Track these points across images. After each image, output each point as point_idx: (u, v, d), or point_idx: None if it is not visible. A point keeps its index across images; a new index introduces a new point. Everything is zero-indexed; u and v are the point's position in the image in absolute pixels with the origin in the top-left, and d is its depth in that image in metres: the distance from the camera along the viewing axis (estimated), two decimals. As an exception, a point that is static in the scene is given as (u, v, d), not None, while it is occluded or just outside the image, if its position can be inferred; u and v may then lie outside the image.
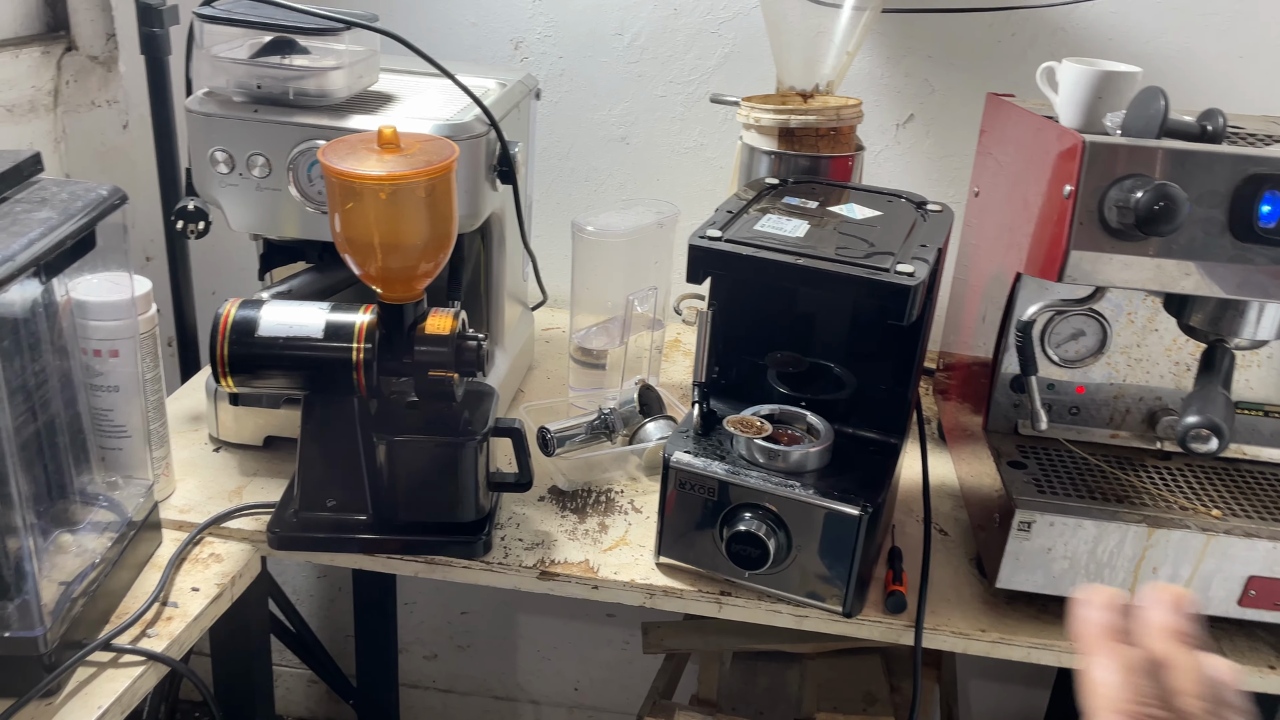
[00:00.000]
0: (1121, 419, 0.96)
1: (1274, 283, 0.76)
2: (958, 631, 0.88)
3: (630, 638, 1.77)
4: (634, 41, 1.37)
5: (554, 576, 0.92)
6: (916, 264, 0.81)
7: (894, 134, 1.38)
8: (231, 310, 0.86)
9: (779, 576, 0.87)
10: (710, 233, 0.86)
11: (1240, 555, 0.82)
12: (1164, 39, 1.28)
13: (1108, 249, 0.77)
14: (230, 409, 1.05)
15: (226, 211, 0.98)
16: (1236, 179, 0.74)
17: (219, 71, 0.96)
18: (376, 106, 0.98)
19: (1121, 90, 0.87)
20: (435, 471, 0.90)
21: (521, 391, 1.26)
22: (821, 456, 0.88)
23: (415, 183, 0.79)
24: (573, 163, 1.45)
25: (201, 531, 0.93)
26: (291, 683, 1.89)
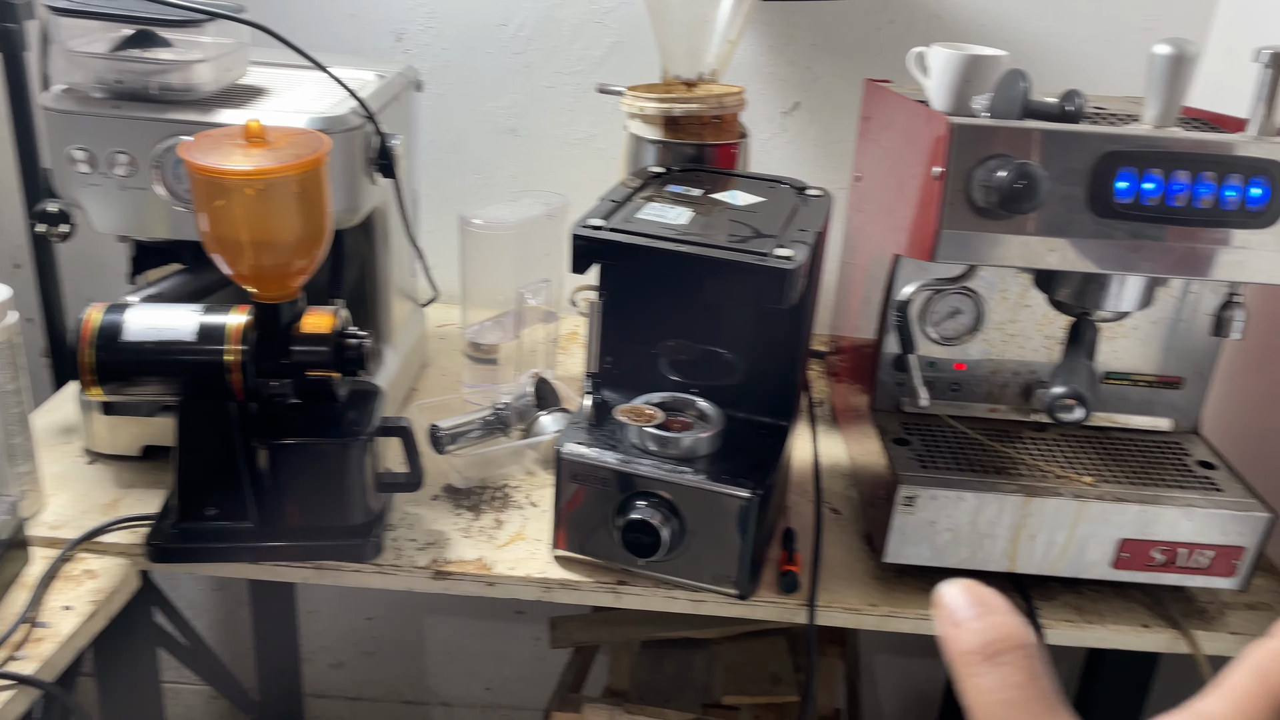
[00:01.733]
0: (1000, 393, 0.99)
1: (1132, 256, 0.79)
2: (849, 608, 0.90)
3: (540, 634, 1.76)
4: (519, 32, 1.36)
5: (448, 576, 0.90)
6: (795, 247, 0.82)
7: (780, 121, 1.39)
8: (95, 315, 0.82)
9: (674, 563, 0.88)
10: (593, 222, 0.86)
11: (1112, 519, 0.85)
12: (1034, 24, 1.32)
13: (976, 228, 0.79)
14: (104, 419, 1.01)
15: (90, 213, 0.94)
16: (1094, 157, 0.77)
17: (76, 67, 0.91)
18: (246, 101, 0.95)
19: (988, 73, 0.90)
20: (320, 474, 0.88)
21: (415, 390, 1.24)
22: (712, 442, 0.88)
23: (284, 178, 0.77)
24: (462, 156, 1.43)
25: (74, 548, 0.89)
26: (191, 700, 1.83)
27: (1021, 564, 0.88)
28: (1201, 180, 0.76)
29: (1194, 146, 0.77)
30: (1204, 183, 0.76)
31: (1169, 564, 0.87)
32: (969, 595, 0.35)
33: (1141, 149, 0.76)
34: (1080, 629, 0.89)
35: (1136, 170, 0.76)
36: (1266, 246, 0.78)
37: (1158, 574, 0.87)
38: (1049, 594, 0.92)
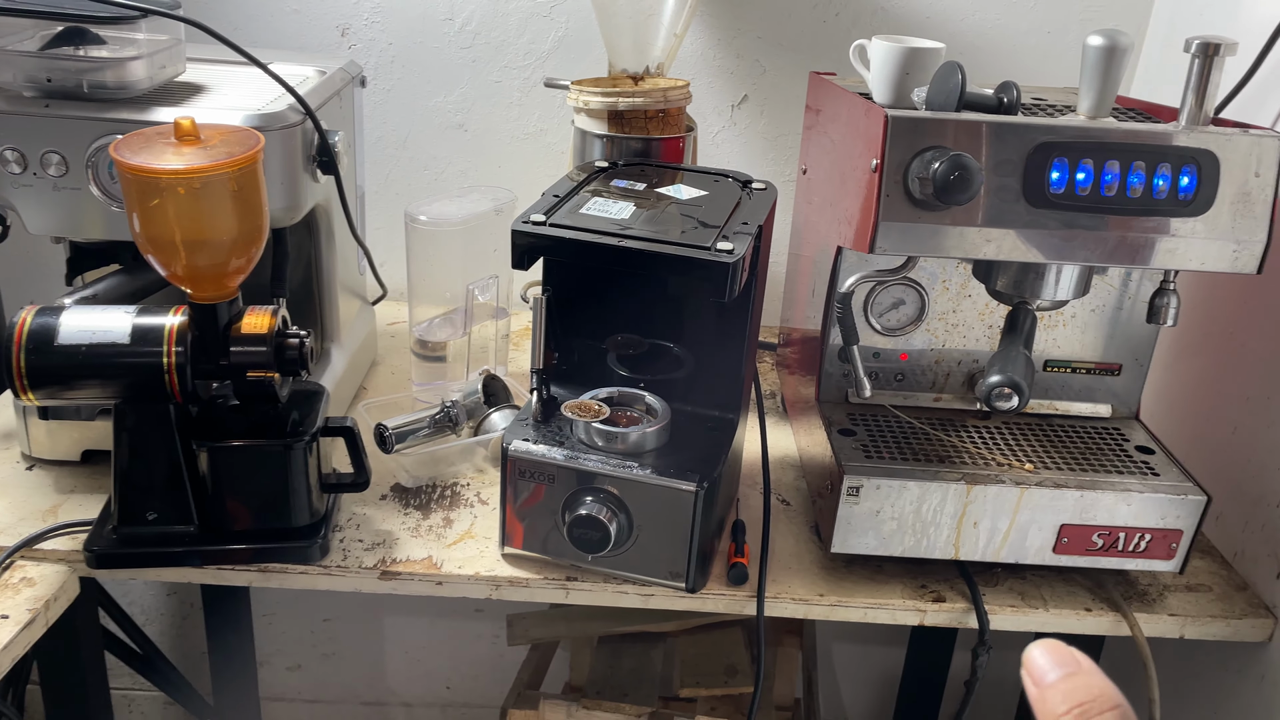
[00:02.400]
0: (943, 382, 1.00)
1: (1067, 245, 0.80)
2: (798, 598, 0.90)
3: (499, 631, 1.75)
4: (465, 26, 1.35)
5: (396, 575, 0.90)
6: (737, 240, 0.82)
7: (730, 115, 1.40)
8: (27, 318, 0.81)
9: (623, 557, 0.88)
10: (534, 217, 0.85)
11: (1052, 505, 0.87)
12: (976, 16, 1.33)
13: (914, 219, 0.79)
14: (42, 424, 0.99)
15: (22, 214, 0.92)
16: (1028, 148, 0.78)
17: (4, 65, 0.89)
18: (182, 98, 0.93)
19: (927, 66, 0.91)
20: (263, 476, 0.87)
21: (364, 389, 1.23)
22: (659, 436, 0.88)
23: (217, 176, 0.76)
24: (410, 152, 1.42)
25: (11, 555, 0.88)
26: (146, 706, 1.81)
27: (965, 551, 0.89)
28: (1133, 170, 0.78)
29: (1125, 137, 0.78)
30: (1136, 172, 0.78)
31: (1108, 548, 0.88)
32: (1055, 655, 0.35)
33: (1074, 140, 0.77)
34: (1024, 614, 0.90)
35: (1069, 161, 0.78)
36: (1197, 234, 0.80)
37: (1098, 558, 0.89)
38: (993, 580, 0.93)
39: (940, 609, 0.90)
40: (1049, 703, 0.33)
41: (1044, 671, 0.34)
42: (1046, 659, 0.35)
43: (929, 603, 0.90)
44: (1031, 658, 0.35)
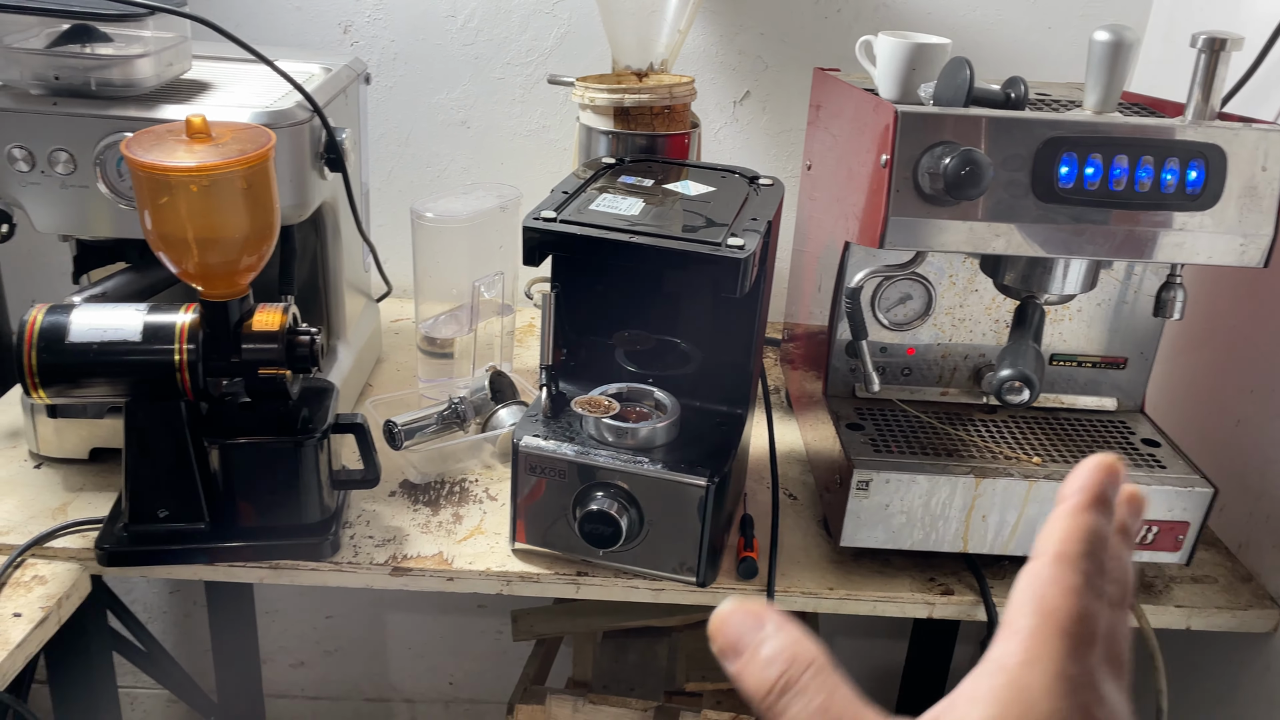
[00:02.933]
0: (950, 377, 1.01)
1: (1076, 240, 0.81)
2: (807, 592, 0.91)
3: (503, 627, 1.76)
4: (468, 23, 1.35)
5: (407, 571, 0.90)
6: (747, 236, 0.82)
7: (732, 111, 1.40)
8: (38, 316, 0.80)
9: (633, 552, 0.88)
10: (545, 214, 0.85)
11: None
12: (978, 12, 1.34)
13: (923, 214, 0.80)
14: (50, 422, 0.99)
15: (30, 212, 0.92)
16: (1037, 143, 0.79)
17: (12, 63, 0.89)
18: (190, 96, 0.93)
19: (933, 61, 0.91)
20: (274, 473, 0.87)
21: (370, 385, 1.23)
22: (669, 431, 0.88)
23: (229, 174, 0.76)
24: (413, 149, 1.42)
25: (22, 553, 0.88)
26: (150, 704, 1.81)
27: (974, 544, 0.89)
28: (1141, 164, 0.78)
29: (1133, 131, 0.78)
30: (1144, 167, 0.78)
31: (1116, 540, 0.89)
32: (743, 619, 0.33)
33: (1083, 135, 0.78)
34: (1032, 606, 0.91)
35: (1078, 155, 0.78)
36: (1204, 228, 0.80)
37: (1105, 550, 0.89)
38: (1001, 573, 0.93)
39: (949, 602, 0.90)
40: (752, 680, 0.31)
41: (735, 637, 0.32)
42: (737, 624, 0.32)
43: (937, 595, 0.90)
44: (720, 627, 0.33)
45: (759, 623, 0.33)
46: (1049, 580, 0.32)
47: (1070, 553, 0.32)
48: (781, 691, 0.31)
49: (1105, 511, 0.34)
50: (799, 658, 0.32)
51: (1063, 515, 0.34)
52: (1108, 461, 0.35)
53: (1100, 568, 0.33)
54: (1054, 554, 0.33)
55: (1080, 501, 0.34)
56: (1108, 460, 0.35)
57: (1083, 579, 0.32)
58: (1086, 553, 0.33)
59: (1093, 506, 0.34)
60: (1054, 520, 0.34)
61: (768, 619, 0.33)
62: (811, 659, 0.32)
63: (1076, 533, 0.33)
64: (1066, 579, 0.32)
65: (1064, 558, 0.32)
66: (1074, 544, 0.33)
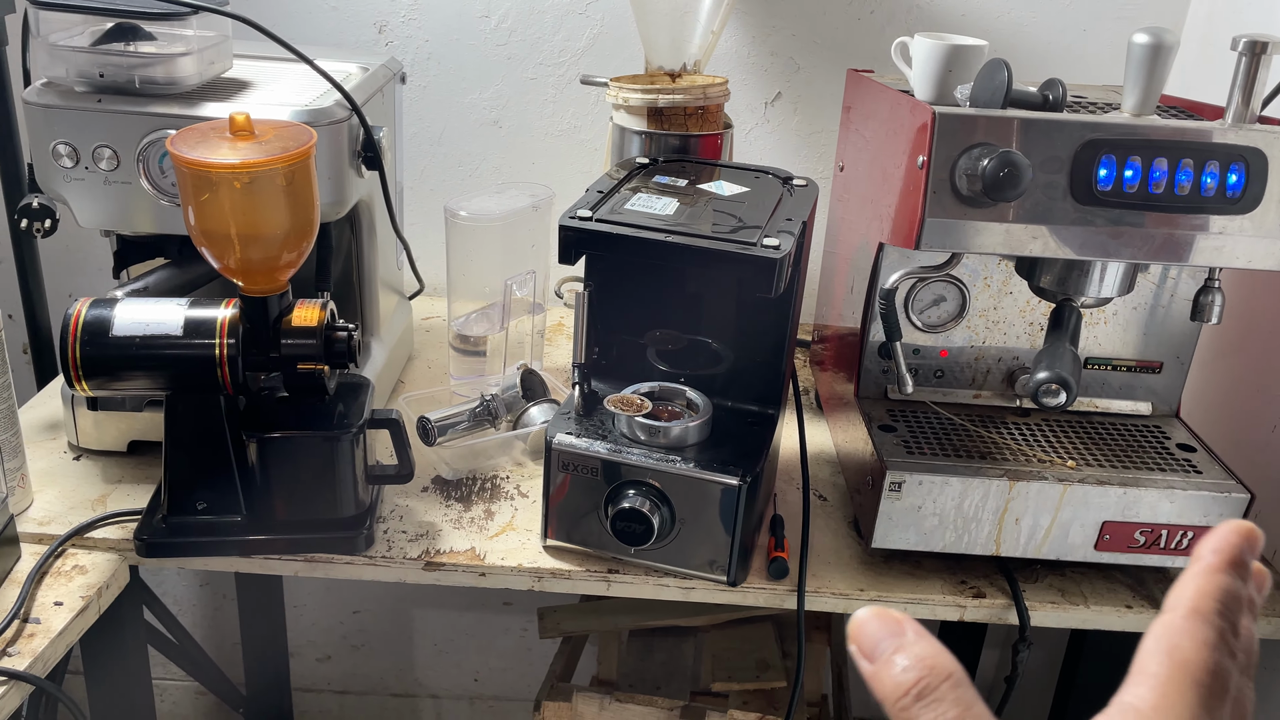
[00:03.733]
0: (983, 379, 1.01)
1: (1114, 243, 0.80)
2: (838, 593, 0.91)
3: (528, 624, 1.76)
4: (501, 23, 1.36)
5: (440, 566, 0.91)
6: (782, 237, 0.82)
7: (763, 112, 1.40)
8: (82, 310, 0.82)
9: (665, 551, 0.88)
10: (581, 213, 0.86)
11: (1094, 502, 0.87)
12: (1012, 14, 1.33)
13: (960, 216, 0.80)
14: (90, 415, 1.00)
15: (74, 208, 0.93)
16: (1076, 145, 0.78)
17: (58, 61, 0.91)
18: (230, 94, 0.95)
19: (970, 63, 0.91)
20: (310, 467, 0.88)
21: (402, 382, 1.24)
22: (701, 430, 0.89)
23: (272, 171, 0.77)
24: (445, 148, 1.43)
25: (63, 543, 0.89)
26: (178, 695, 1.83)
27: (1006, 548, 0.89)
28: (1181, 167, 0.78)
29: (1173, 134, 0.78)
30: (1184, 170, 0.78)
31: (1150, 546, 0.88)
32: (885, 625, 0.34)
33: (1122, 137, 0.78)
34: (1064, 610, 0.90)
35: (1117, 158, 0.78)
36: (1244, 232, 0.80)
37: (1139, 555, 0.89)
38: (1033, 576, 0.93)
39: (980, 605, 0.90)
40: (887, 683, 0.32)
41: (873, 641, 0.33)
42: (872, 628, 0.33)
43: (969, 598, 0.90)
44: (860, 629, 0.34)
45: (899, 629, 0.33)
46: (1183, 632, 0.32)
47: (1206, 609, 0.33)
48: (917, 697, 0.32)
49: (1241, 575, 0.35)
50: (937, 668, 0.32)
51: (1199, 573, 0.34)
52: (1248, 528, 0.36)
53: (1235, 629, 0.33)
54: (1189, 609, 0.33)
55: (1217, 562, 0.35)
56: (1248, 527, 0.36)
57: (1218, 636, 0.32)
58: (1222, 611, 0.33)
59: (1230, 569, 0.34)
60: (1190, 577, 0.34)
61: (907, 626, 0.33)
62: (950, 671, 0.32)
63: (1213, 591, 0.34)
64: (1202, 633, 0.32)
65: (1199, 613, 0.33)
66: (1210, 601, 0.33)
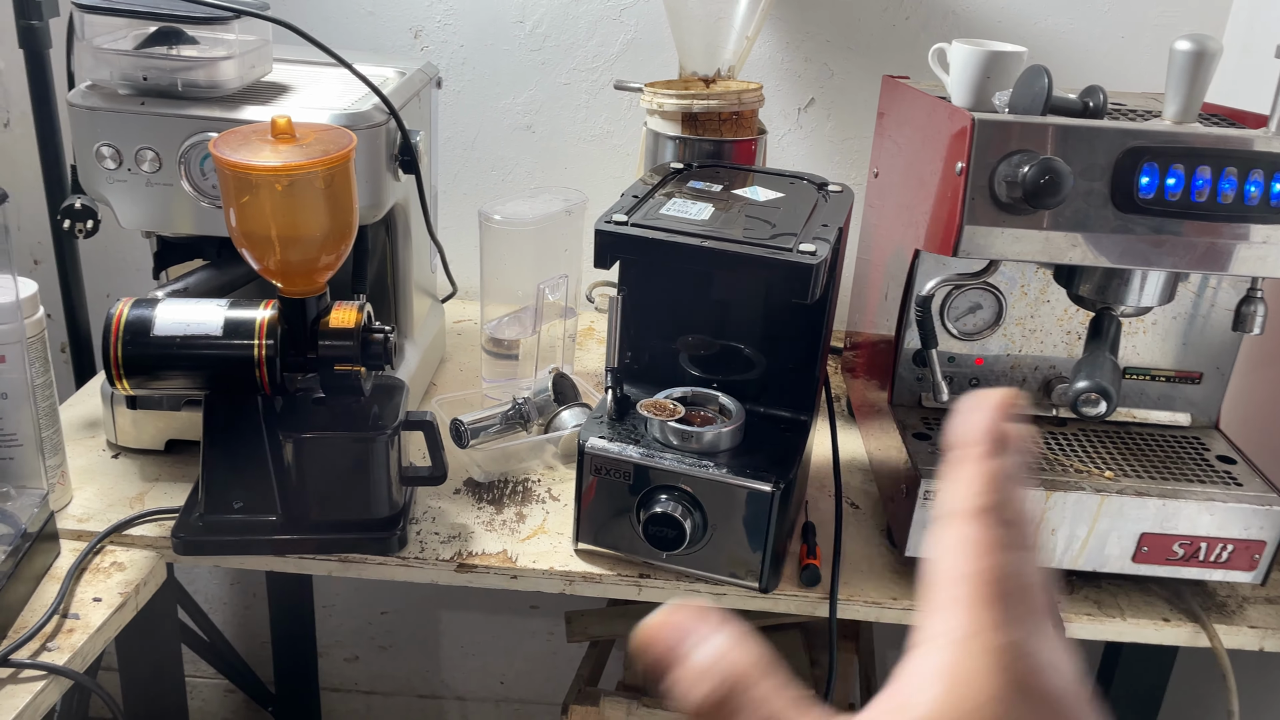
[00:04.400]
0: (1019, 388, 1.00)
1: (1155, 251, 0.79)
2: (870, 601, 0.90)
3: (555, 628, 1.76)
4: (535, 29, 1.36)
5: (472, 568, 0.91)
6: (818, 243, 0.82)
7: (796, 118, 1.40)
8: (124, 310, 0.83)
9: (696, 556, 0.88)
10: (616, 217, 0.86)
11: (1132, 514, 0.86)
12: (1049, 20, 1.32)
13: (999, 223, 0.79)
14: (128, 413, 1.01)
15: (116, 209, 0.95)
16: (1117, 152, 0.78)
17: (102, 64, 0.92)
18: (271, 97, 0.96)
19: (1009, 69, 0.90)
20: (345, 468, 0.88)
21: (434, 385, 1.25)
22: (734, 436, 0.89)
23: (313, 173, 0.78)
24: (479, 152, 1.43)
25: (102, 540, 0.90)
26: (208, 693, 1.84)
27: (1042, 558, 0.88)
28: (1225, 176, 0.77)
29: (1217, 142, 0.77)
30: (1227, 178, 0.77)
31: (1190, 558, 0.87)
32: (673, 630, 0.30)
33: (1165, 145, 0.77)
34: (1100, 623, 0.89)
35: (1160, 166, 0.77)
36: (1288, 242, 0.79)
37: (1178, 568, 0.88)
38: (1068, 588, 0.92)
39: (1015, 615, 0.89)
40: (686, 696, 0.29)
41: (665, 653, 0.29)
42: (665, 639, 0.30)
43: (1003, 609, 0.89)
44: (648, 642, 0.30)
45: (688, 631, 0.30)
46: (973, 541, 0.29)
47: (987, 505, 0.30)
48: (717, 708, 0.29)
49: (1009, 451, 0.31)
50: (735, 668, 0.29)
51: (968, 464, 0.31)
52: (998, 398, 0.32)
53: (1020, 514, 0.30)
54: (970, 509, 0.30)
55: (986, 449, 0.31)
56: (998, 396, 0.32)
57: (1004, 532, 0.29)
58: (1002, 502, 0.30)
59: (997, 450, 0.31)
60: (960, 471, 0.31)
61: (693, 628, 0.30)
62: (748, 668, 0.29)
63: (988, 482, 0.30)
64: (990, 535, 0.29)
65: (980, 512, 0.30)
66: (988, 495, 0.30)
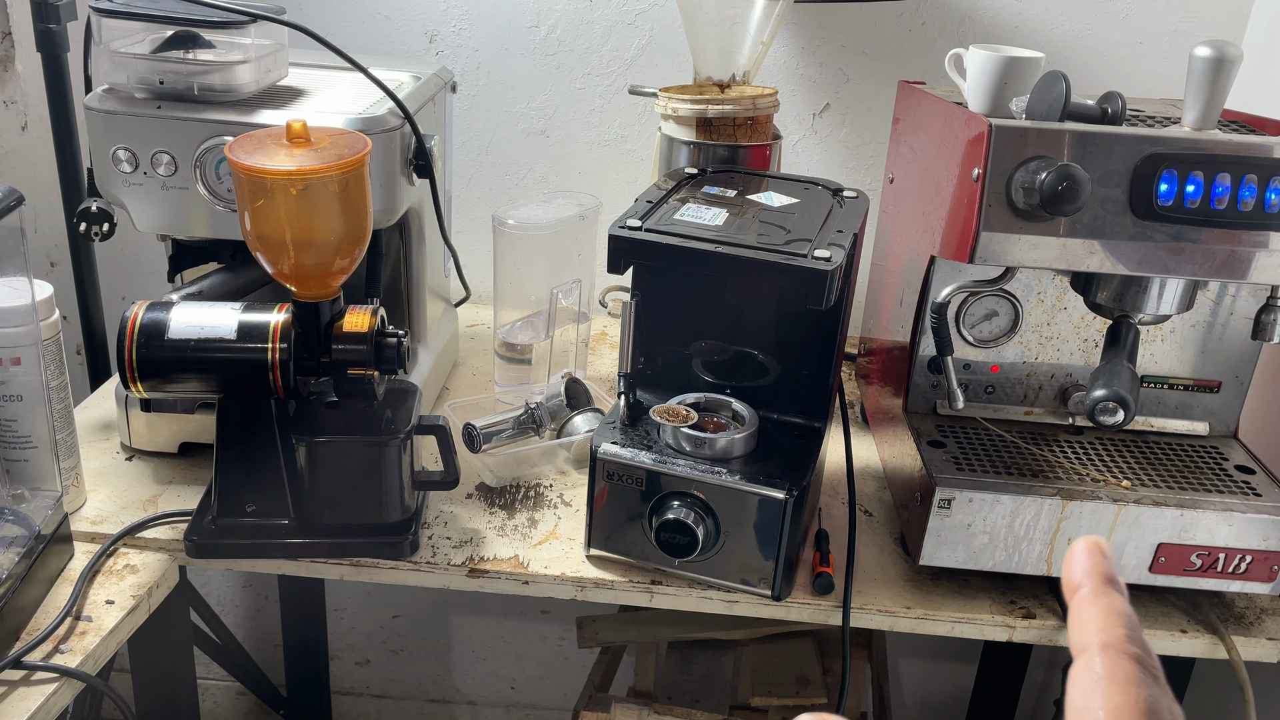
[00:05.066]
0: (1035, 396, 0.99)
1: (1173, 259, 0.79)
2: (884, 610, 0.90)
3: (566, 633, 1.76)
4: (550, 34, 1.36)
5: (483, 574, 0.91)
6: (833, 249, 0.82)
7: (811, 123, 1.39)
8: (139, 313, 0.83)
9: (709, 563, 0.88)
10: (630, 223, 0.86)
11: (1149, 523, 0.85)
12: (1067, 26, 1.32)
13: (1016, 230, 0.79)
14: (142, 416, 1.02)
15: (132, 212, 0.95)
16: (1135, 159, 0.77)
17: (119, 67, 0.92)
18: (286, 101, 0.96)
19: (1025, 75, 0.90)
20: (358, 472, 0.88)
21: (447, 389, 1.25)
22: (747, 443, 0.88)
23: (327, 177, 0.78)
24: (493, 156, 1.44)
25: (115, 542, 0.91)
26: (219, 695, 1.85)
27: (1058, 568, 0.87)
28: (1245, 183, 0.76)
29: (1237, 149, 0.76)
30: (1247, 185, 0.76)
31: (1207, 569, 0.86)
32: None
33: (1184, 151, 0.76)
34: (1116, 633, 0.88)
35: (1179, 173, 0.76)
36: (1309, 250, 0.78)
37: (1195, 579, 0.87)
38: (1084, 598, 0.91)
39: (1030, 626, 0.88)
40: None
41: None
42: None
43: (1018, 619, 0.89)
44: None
45: None
46: (1107, 675, 0.30)
47: (1115, 639, 0.31)
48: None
49: (1120, 590, 0.33)
50: None
51: (1088, 603, 0.33)
52: (1096, 542, 0.34)
53: (1147, 648, 0.31)
54: (1100, 644, 0.31)
55: (1097, 586, 0.33)
56: (1095, 541, 0.35)
57: (1138, 666, 0.31)
58: (1129, 636, 0.31)
59: (1110, 586, 0.33)
60: (1081, 610, 0.33)
61: None
62: None
63: (1112, 616, 0.32)
64: (1124, 670, 0.30)
65: (1110, 646, 0.31)
66: (1115, 629, 0.31)
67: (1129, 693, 0.30)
